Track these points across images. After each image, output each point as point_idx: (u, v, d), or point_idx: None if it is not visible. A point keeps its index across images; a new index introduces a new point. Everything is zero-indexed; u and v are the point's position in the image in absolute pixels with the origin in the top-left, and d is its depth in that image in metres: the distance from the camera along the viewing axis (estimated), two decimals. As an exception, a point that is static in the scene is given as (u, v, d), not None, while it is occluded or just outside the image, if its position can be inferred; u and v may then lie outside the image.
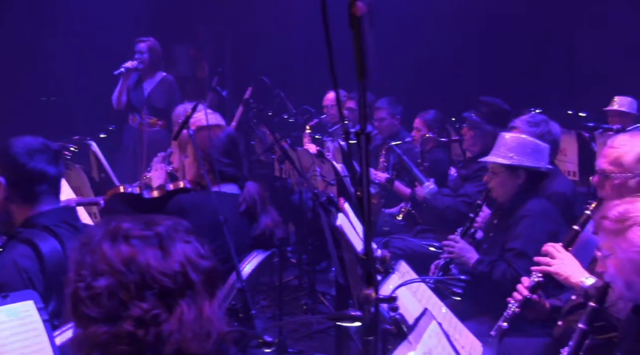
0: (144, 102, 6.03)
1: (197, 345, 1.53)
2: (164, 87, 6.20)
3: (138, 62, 6.06)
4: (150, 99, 6.16)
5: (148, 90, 6.18)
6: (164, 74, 6.28)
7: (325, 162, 5.00)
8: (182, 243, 1.60)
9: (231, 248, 3.06)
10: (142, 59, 6.09)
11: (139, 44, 6.14)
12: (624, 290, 2.31)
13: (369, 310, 1.46)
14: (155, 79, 6.23)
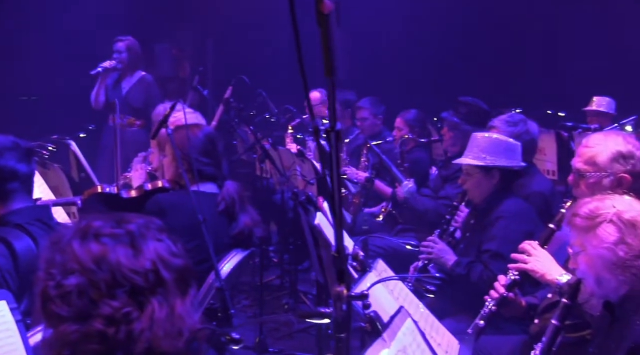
0: (121, 101, 5.99)
1: (168, 344, 1.53)
2: (142, 87, 6.17)
3: (116, 61, 6.03)
4: (128, 98, 6.12)
5: (126, 89, 6.16)
6: (143, 73, 6.25)
7: (306, 161, 5.00)
8: (154, 241, 1.59)
9: (210, 247, 3.06)
10: (121, 59, 6.06)
11: (117, 44, 6.11)
12: (594, 286, 2.35)
13: (341, 307, 1.46)
14: (133, 78, 6.20)
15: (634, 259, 2.24)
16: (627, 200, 2.37)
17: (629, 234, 2.25)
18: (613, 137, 2.94)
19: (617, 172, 2.85)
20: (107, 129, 6.25)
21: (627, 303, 2.30)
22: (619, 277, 2.27)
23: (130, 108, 6.08)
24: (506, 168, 3.56)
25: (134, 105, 6.11)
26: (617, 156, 2.86)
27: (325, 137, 1.28)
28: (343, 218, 1.42)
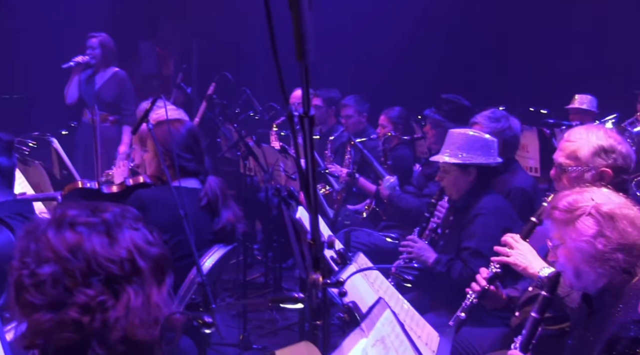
0: (93, 96, 5.97)
1: (144, 332, 1.52)
2: (114, 82, 6.15)
3: (90, 57, 6.01)
4: (100, 93, 6.09)
5: (99, 85, 6.13)
6: (116, 69, 6.22)
7: (289, 157, 5.00)
8: (130, 230, 1.59)
9: (191, 242, 3.04)
10: (94, 54, 6.04)
11: (91, 40, 6.09)
12: (573, 279, 2.36)
13: (317, 295, 1.46)
14: (106, 74, 6.18)
15: (613, 252, 2.25)
16: (606, 192, 2.38)
17: (608, 227, 2.26)
18: (595, 131, 2.95)
19: (598, 167, 2.86)
20: (82, 125, 6.23)
21: (605, 295, 2.31)
22: (597, 270, 2.28)
23: (102, 104, 6.04)
24: (483, 165, 3.57)
25: (106, 101, 6.08)
26: (599, 150, 2.87)
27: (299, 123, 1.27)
28: (318, 205, 1.42)
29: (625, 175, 2.89)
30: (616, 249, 2.24)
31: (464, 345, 3.19)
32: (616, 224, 2.26)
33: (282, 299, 1.68)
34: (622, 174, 2.87)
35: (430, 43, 8.04)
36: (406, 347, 2.08)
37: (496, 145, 3.68)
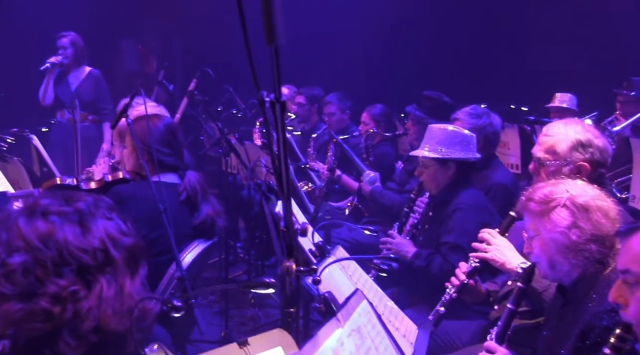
0: (71, 97, 5.96)
1: (117, 322, 1.52)
2: (91, 81, 6.15)
3: (62, 57, 6.00)
4: (79, 93, 6.06)
5: (75, 84, 6.11)
6: (90, 68, 6.23)
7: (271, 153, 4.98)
8: (103, 219, 1.58)
9: (171, 237, 3.03)
10: (66, 54, 6.04)
11: (61, 39, 6.08)
12: (547, 270, 2.38)
13: (290, 282, 1.46)
14: (81, 73, 6.17)
15: (586, 243, 2.28)
16: (581, 184, 2.40)
17: (582, 218, 2.29)
18: (572, 126, 2.97)
19: (576, 161, 2.88)
20: (58, 125, 6.20)
21: (579, 286, 2.34)
22: (571, 261, 2.31)
23: (81, 103, 6.01)
24: (462, 160, 3.58)
25: (85, 100, 6.05)
26: (577, 145, 2.89)
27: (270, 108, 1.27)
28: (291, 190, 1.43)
29: (602, 169, 2.91)
30: (590, 240, 2.27)
31: (444, 338, 3.21)
32: (590, 215, 2.28)
33: (254, 284, 1.68)
34: (600, 168, 2.90)
35: (413, 41, 8.07)
36: (383, 338, 2.08)
37: (475, 141, 3.70)
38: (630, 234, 1.67)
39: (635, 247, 1.64)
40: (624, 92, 6.08)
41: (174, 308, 1.49)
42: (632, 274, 1.64)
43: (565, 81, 6.71)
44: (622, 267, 1.67)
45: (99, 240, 1.53)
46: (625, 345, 1.74)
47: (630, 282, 1.65)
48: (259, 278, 1.56)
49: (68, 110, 6.07)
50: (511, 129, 5.49)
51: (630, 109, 5.99)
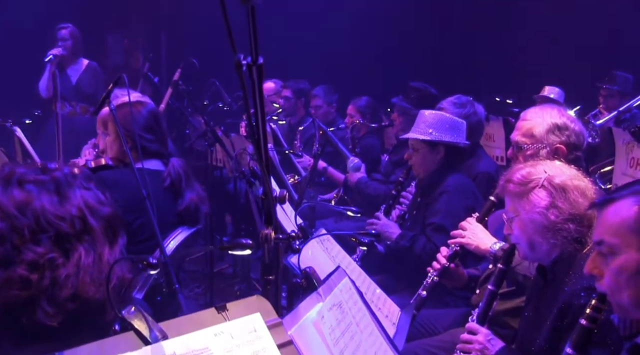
0: (72, 89, 5.95)
1: (95, 290, 1.51)
2: (90, 74, 6.18)
3: (62, 49, 6.01)
4: (80, 86, 6.08)
5: (75, 77, 6.13)
6: (87, 60, 6.25)
7: (256, 142, 4.97)
8: (81, 189, 1.58)
9: (154, 223, 3.02)
10: (66, 46, 6.05)
11: (61, 31, 6.11)
12: (527, 250, 2.40)
13: (269, 250, 1.47)
14: (79, 65, 6.19)
15: (564, 222, 2.30)
16: (558, 165, 2.43)
17: (560, 198, 2.31)
18: (549, 110, 3.03)
19: (553, 144, 2.93)
20: (55, 117, 6.17)
21: (558, 266, 2.36)
22: (550, 241, 2.33)
23: (82, 96, 6.04)
24: (451, 144, 3.61)
25: (86, 93, 6.08)
26: (553, 128, 2.94)
27: (247, 71, 1.28)
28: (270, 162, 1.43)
29: (578, 152, 2.96)
30: (568, 220, 2.29)
31: (426, 325, 3.22)
32: (568, 195, 2.31)
33: (231, 246, 1.69)
34: (576, 151, 2.94)
35: (399, 34, 8.10)
36: (364, 314, 2.09)
37: (465, 128, 3.73)
38: (605, 206, 1.69)
39: (609, 218, 1.66)
40: (607, 86, 6.15)
41: (149, 265, 1.48)
42: (606, 244, 1.65)
43: (549, 75, 6.76)
44: (597, 238, 1.69)
45: (76, 208, 1.52)
46: (600, 316, 1.76)
47: (605, 253, 1.67)
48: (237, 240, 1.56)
49: (68, 102, 6.07)
50: (496, 121, 5.53)
51: (613, 102, 6.06)
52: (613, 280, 1.64)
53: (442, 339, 2.96)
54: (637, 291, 1.58)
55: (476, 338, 2.40)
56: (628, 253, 1.60)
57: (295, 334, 1.65)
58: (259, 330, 1.42)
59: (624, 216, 1.61)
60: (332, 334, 1.82)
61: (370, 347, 1.99)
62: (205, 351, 1.31)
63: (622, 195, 1.65)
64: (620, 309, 1.65)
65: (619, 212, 1.63)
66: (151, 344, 1.25)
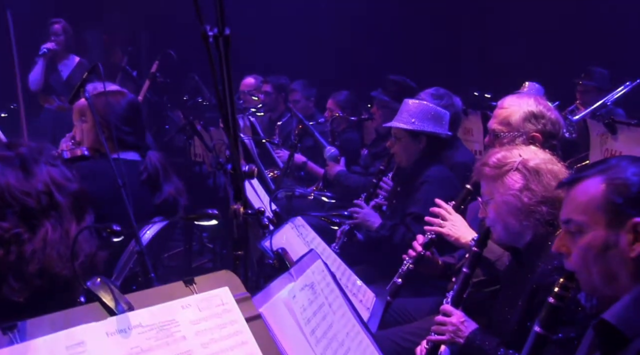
0: (62, 84, 5.92)
1: (62, 265, 1.51)
2: (82, 71, 6.11)
3: (55, 43, 5.99)
4: (71, 82, 6.06)
5: (66, 72, 6.12)
6: (78, 57, 6.25)
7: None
8: (47, 165, 1.57)
9: (129, 211, 2.99)
10: (59, 41, 6.03)
11: (54, 26, 6.10)
12: (502, 233, 2.43)
13: (238, 225, 1.46)
14: (71, 61, 6.18)
15: (537, 205, 2.33)
16: (533, 149, 2.47)
17: (533, 181, 2.34)
18: (525, 99, 3.06)
19: (529, 132, 2.96)
20: (46, 112, 6.15)
21: (531, 249, 2.39)
22: (523, 223, 2.36)
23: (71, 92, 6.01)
24: (433, 134, 3.63)
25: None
26: (529, 116, 2.97)
27: (214, 44, 1.27)
28: (238, 138, 1.43)
29: (554, 140, 2.98)
30: (540, 202, 2.32)
31: (402, 313, 3.23)
32: (541, 178, 2.34)
33: (196, 216, 1.68)
34: (552, 140, 2.97)
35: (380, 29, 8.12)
36: (337, 296, 2.10)
37: (447, 119, 3.75)
38: (572, 185, 1.71)
39: (577, 197, 1.67)
40: (584, 82, 6.21)
41: (113, 232, 1.48)
42: (574, 223, 1.67)
43: (528, 70, 6.82)
44: (565, 217, 1.71)
45: (42, 184, 1.52)
46: (567, 294, 1.78)
47: (572, 231, 1.68)
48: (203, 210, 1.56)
49: (58, 97, 6.04)
50: (474, 116, 5.55)
51: (589, 98, 6.12)
52: (581, 257, 1.65)
53: (418, 325, 2.97)
54: (605, 268, 1.60)
55: (450, 320, 2.42)
56: (595, 230, 1.61)
57: (266, 311, 1.65)
58: (226, 303, 1.42)
59: (591, 194, 1.63)
60: (304, 313, 1.83)
61: (343, 328, 2.00)
62: (172, 323, 1.30)
63: (590, 174, 1.67)
64: (588, 286, 1.67)
65: (587, 190, 1.65)
66: (117, 315, 1.24)
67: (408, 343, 2.84)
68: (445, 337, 2.42)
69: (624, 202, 1.57)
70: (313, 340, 1.78)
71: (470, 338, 2.38)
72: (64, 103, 5.94)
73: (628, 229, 1.55)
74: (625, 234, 1.55)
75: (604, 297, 1.64)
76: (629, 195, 1.57)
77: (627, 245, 1.55)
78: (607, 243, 1.58)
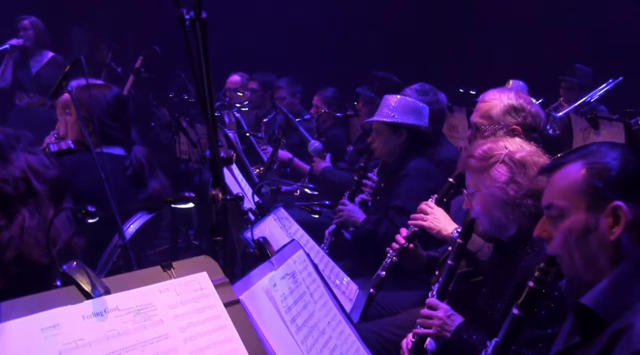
0: (31, 80, 5.86)
1: (40, 253, 1.50)
2: (52, 66, 6.08)
3: (24, 39, 5.92)
4: (39, 77, 6.00)
5: (36, 68, 6.06)
6: (52, 53, 6.18)
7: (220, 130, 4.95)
8: (25, 153, 1.56)
9: (113, 205, 2.97)
10: (27, 36, 5.97)
11: (23, 22, 6.06)
12: (487, 225, 2.43)
13: (216, 211, 1.46)
14: (43, 57, 6.13)
15: (523, 198, 2.34)
16: (518, 141, 2.47)
17: (519, 174, 2.35)
18: (506, 93, 3.08)
19: (510, 124, 2.98)
20: (17, 108, 6.09)
21: (516, 242, 2.39)
22: (509, 216, 2.37)
23: (40, 87, 5.95)
24: (413, 127, 3.64)
25: (44, 85, 5.98)
26: (510, 109, 2.99)
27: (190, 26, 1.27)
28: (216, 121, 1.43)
29: (534, 133, 3.00)
30: (526, 195, 2.33)
31: (386, 306, 3.24)
32: (527, 171, 2.35)
33: (173, 199, 1.68)
34: (532, 132, 2.99)
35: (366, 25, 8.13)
36: (318, 286, 2.10)
37: (427, 112, 3.76)
38: (554, 170, 1.72)
39: (558, 182, 1.68)
40: (568, 79, 6.26)
41: (88, 213, 1.47)
42: (555, 207, 1.68)
43: (512, 68, 6.86)
44: (546, 202, 1.72)
45: (20, 171, 1.51)
46: (547, 278, 1.79)
47: (554, 216, 1.69)
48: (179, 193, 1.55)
49: (27, 94, 5.98)
50: (460, 113, 5.58)
51: (573, 95, 6.18)
52: (562, 242, 1.66)
53: (402, 318, 2.97)
54: (585, 252, 1.61)
55: (436, 313, 2.42)
56: (576, 214, 1.62)
57: (246, 299, 1.65)
58: (205, 288, 1.42)
59: (572, 179, 1.64)
60: (284, 302, 1.83)
61: (324, 318, 2.00)
62: (149, 306, 1.30)
63: (571, 159, 1.68)
64: (569, 270, 1.68)
65: (568, 175, 1.66)
66: (93, 298, 1.24)
67: (392, 336, 2.84)
68: (432, 330, 2.43)
69: (604, 186, 1.58)
70: (294, 328, 1.78)
71: (457, 332, 2.38)
72: (32, 99, 5.88)
73: (608, 213, 1.57)
74: (605, 217, 1.57)
75: (584, 282, 1.65)
76: (609, 179, 1.58)
77: (607, 228, 1.57)
78: (588, 227, 1.59)
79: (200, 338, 1.34)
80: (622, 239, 1.56)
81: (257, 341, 1.44)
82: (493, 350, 1.81)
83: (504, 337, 1.81)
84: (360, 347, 2.11)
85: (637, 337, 1.37)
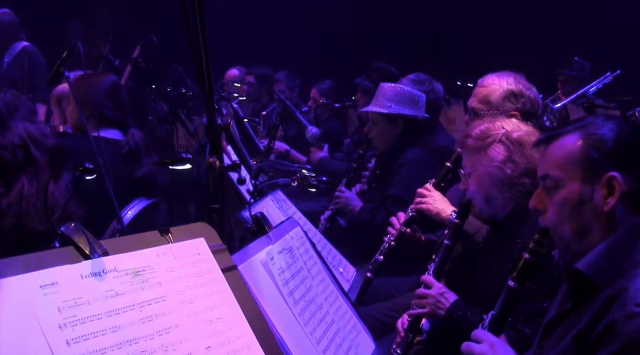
0: (3, 76, 5.73)
1: (38, 221, 1.50)
2: (22, 58, 5.89)
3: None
4: (9, 71, 5.86)
5: (7, 62, 5.91)
6: (25, 43, 5.99)
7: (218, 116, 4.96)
8: (24, 121, 1.57)
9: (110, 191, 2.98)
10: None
11: None
12: (483, 204, 2.44)
13: (213, 178, 1.47)
14: (14, 50, 5.95)
15: (520, 177, 2.35)
16: (515, 121, 2.48)
17: (516, 153, 2.36)
18: (505, 77, 3.07)
19: (508, 110, 2.97)
20: None
21: (512, 221, 2.40)
22: (505, 195, 2.38)
23: (11, 81, 5.78)
24: (409, 118, 3.64)
25: (15, 78, 5.84)
26: (509, 95, 2.99)
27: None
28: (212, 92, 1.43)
29: (533, 120, 3.00)
30: (523, 174, 2.34)
31: (383, 291, 3.24)
32: (524, 150, 2.36)
33: (170, 161, 1.68)
34: (530, 119, 2.98)
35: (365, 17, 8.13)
36: (316, 262, 2.11)
37: (423, 101, 3.76)
38: (550, 141, 1.72)
39: (554, 153, 1.69)
40: (565, 72, 6.29)
41: (86, 170, 1.47)
42: (550, 178, 1.68)
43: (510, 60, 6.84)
44: (542, 173, 1.72)
45: (19, 138, 1.51)
46: (541, 250, 1.80)
47: (549, 187, 1.70)
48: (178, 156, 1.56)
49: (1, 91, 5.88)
50: (457, 105, 5.57)
51: (570, 88, 6.20)
52: (556, 212, 1.67)
53: (399, 302, 2.98)
54: (578, 223, 1.62)
55: (430, 292, 2.43)
56: (571, 185, 1.63)
57: (243, 270, 1.66)
58: (202, 253, 1.42)
59: (568, 149, 1.65)
60: (282, 275, 1.83)
61: (322, 293, 2.01)
62: (146, 269, 1.31)
63: (567, 131, 1.69)
64: (562, 242, 1.69)
65: (564, 146, 1.67)
66: (91, 259, 1.24)
67: (388, 319, 2.85)
68: (426, 309, 2.44)
69: (600, 157, 1.59)
70: (291, 301, 1.79)
71: (451, 310, 2.39)
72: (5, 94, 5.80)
73: (603, 184, 1.57)
74: (600, 188, 1.58)
75: (576, 254, 1.66)
76: (605, 150, 1.59)
77: (601, 199, 1.57)
78: (582, 197, 1.60)
79: (198, 301, 1.35)
80: (617, 209, 1.57)
81: (254, 306, 1.45)
82: (490, 323, 1.81)
83: (499, 309, 1.82)
84: (358, 324, 2.12)
85: (631, 299, 1.38)
